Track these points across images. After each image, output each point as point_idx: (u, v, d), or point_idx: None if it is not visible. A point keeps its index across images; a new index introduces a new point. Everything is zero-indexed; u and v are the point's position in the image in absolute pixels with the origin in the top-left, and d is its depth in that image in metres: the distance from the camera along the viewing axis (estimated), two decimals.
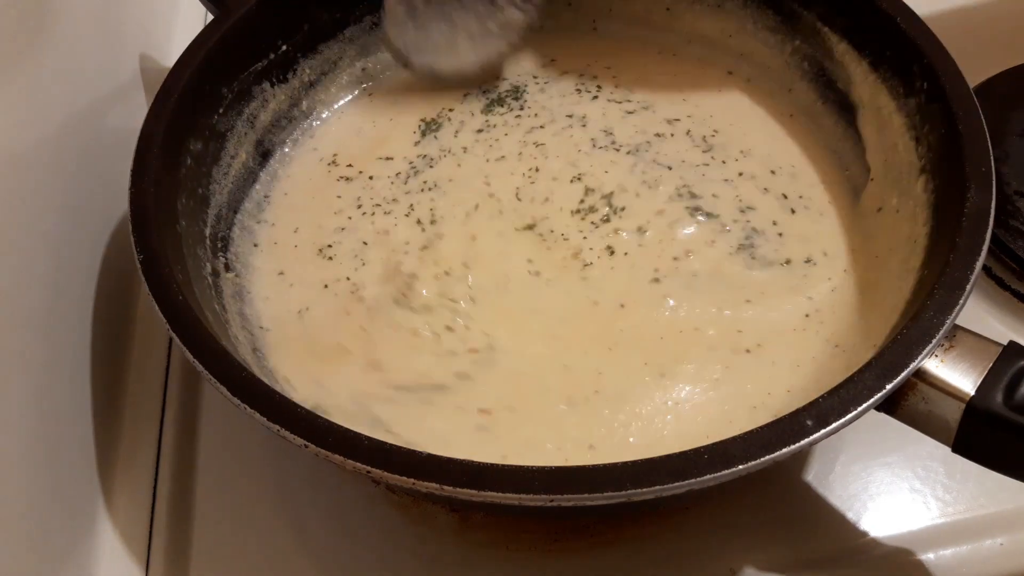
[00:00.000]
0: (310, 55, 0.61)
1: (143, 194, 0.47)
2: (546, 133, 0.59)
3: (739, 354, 0.48)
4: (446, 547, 0.48)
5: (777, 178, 0.56)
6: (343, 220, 0.56)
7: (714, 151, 0.57)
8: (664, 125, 0.59)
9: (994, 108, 0.57)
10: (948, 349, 0.41)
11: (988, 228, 0.43)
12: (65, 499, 0.47)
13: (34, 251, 0.47)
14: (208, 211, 0.53)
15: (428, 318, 0.50)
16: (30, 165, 0.47)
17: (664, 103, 0.60)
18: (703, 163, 0.57)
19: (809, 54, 0.59)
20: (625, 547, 0.48)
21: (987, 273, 0.57)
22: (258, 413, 0.39)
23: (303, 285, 0.53)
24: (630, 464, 0.37)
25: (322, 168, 0.59)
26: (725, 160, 0.57)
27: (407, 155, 0.59)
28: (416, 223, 0.55)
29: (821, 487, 0.50)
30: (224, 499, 0.51)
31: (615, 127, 0.59)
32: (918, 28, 0.52)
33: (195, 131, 0.53)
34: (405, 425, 0.46)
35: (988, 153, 0.46)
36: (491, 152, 0.58)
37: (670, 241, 0.53)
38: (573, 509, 0.37)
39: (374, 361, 0.49)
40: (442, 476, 0.37)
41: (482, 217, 0.55)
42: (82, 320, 0.51)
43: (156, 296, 0.43)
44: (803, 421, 0.38)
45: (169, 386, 0.56)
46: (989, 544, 0.48)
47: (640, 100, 0.61)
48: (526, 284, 0.52)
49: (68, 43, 0.53)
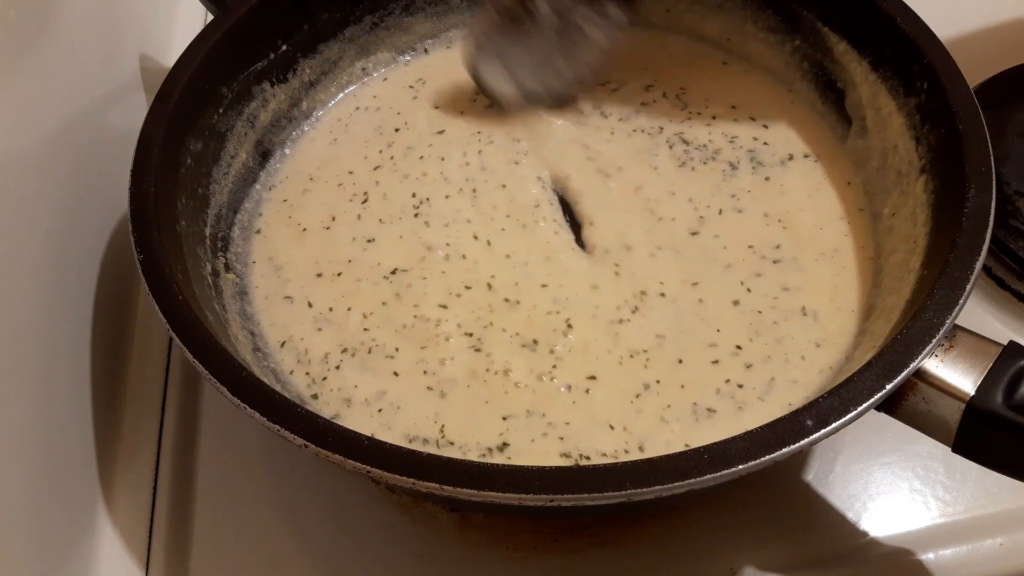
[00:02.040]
0: (310, 55, 0.61)
1: (143, 194, 0.47)
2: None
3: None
4: (446, 547, 0.48)
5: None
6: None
7: (690, 107, 0.60)
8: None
9: (994, 108, 0.57)
10: (948, 349, 0.41)
11: (988, 228, 0.43)
12: (65, 499, 0.47)
13: (34, 251, 0.47)
14: (208, 211, 0.53)
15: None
16: (31, 164, 0.47)
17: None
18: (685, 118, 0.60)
19: (809, 54, 0.59)
20: (625, 547, 0.48)
21: (987, 273, 0.57)
22: (258, 413, 0.39)
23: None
24: (630, 464, 0.37)
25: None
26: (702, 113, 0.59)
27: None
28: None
29: (821, 487, 0.50)
30: (224, 499, 0.51)
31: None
32: (918, 28, 0.52)
33: (195, 131, 0.53)
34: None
35: (988, 153, 0.46)
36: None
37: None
38: (573, 509, 0.37)
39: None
40: (442, 476, 0.37)
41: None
42: (82, 320, 0.51)
43: (156, 296, 0.43)
44: (803, 421, 0.38)
45: (169, 386, 0.56)
46: (989, 544, 0.48)
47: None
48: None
49: (68, 43, 0.53)
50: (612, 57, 0.59)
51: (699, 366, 0.48)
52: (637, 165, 0.57)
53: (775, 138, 0.58)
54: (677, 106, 0.61)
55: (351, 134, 0.61)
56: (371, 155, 0.59)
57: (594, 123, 0.60)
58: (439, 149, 0.59)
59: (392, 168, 0.59)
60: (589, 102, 0.61)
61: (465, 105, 0.62)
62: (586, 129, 0.60)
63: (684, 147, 0.58)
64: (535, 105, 0.60)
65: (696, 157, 0.57)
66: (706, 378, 0.48)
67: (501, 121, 0.60)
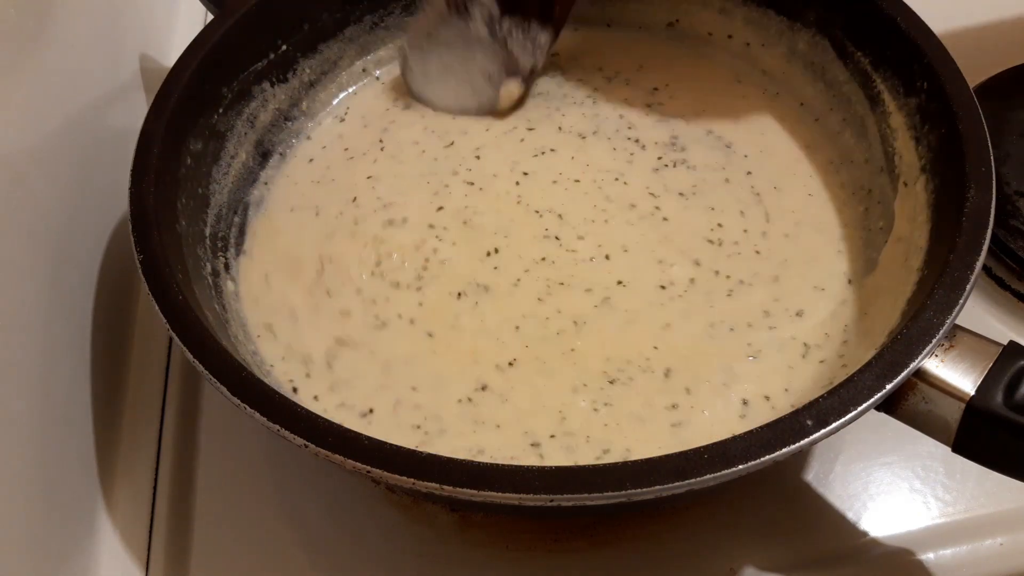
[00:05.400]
0: (310, 55, 0.61)
1: (143, 194, 0.47)
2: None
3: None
4: (446, 547, 0.48)
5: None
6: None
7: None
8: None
9: (994, 108, 0.57)
10: (948, 349, 0.41)
11: (988, 228, 0.43)
12: (65, 499, 0.47)
13: (34, 251, 0.47)
14: (208, 211, 0.53)
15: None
16: (30, 165, 0.47)
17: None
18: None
19: (809, 55, 0.59)
20: (625, 547, 0.48)
21: (987, 273, 0.57)
22: (258, 413, 0.39)
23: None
24: (630, 464, 0.37)
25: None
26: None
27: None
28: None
29: (821, 487, 0.50)
30: (224, 499, 0.51)
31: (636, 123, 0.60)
32: (918, 28, 0.52)
33: (195, 131, 0.53)
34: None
35: (988, 153, 0.46)
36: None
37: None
38: (573, 509, 0.37)
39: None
40: (442, 476, 0.37)
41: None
42: (82, 320, 0.51)
43: (156, 296, 0.43)
44: (803, 421, 0.38)
45: (169, 386, 0.56)
46: (989, 544, 0.48)
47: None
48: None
49: (68, 43, 0.53)
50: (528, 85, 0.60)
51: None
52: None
53: (768, 141, 0.58)
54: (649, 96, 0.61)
55: (351, 134, 0.61)
56: (371, 155, 0.59)
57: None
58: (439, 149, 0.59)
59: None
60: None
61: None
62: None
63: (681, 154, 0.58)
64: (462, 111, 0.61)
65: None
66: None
67: (506, 116, 0.61)
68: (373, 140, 0.60)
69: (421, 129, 0.61)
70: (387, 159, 0.59)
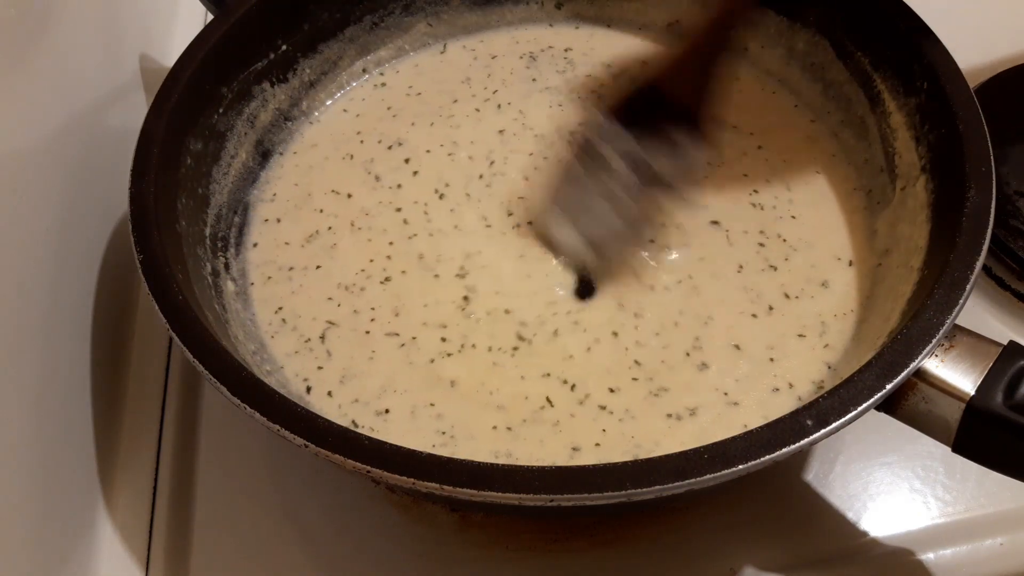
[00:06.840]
0: (310, 55, 0.61)
1: (143, 194, 0.47)
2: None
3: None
4: (446, 547, 0.48)
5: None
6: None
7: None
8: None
9: (994, 108, 0.57)
10: (948, 349, 0.41)
11: (988, 228, 0.43)
12: (65, 499, 0.47)
13: (34, 251, 0.47)
14: (208, 211, 0.53)
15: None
16: (30, 165, 0.47)
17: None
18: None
19: (809, 56, 0.59)
20: (625, 547, 0.48)
21: (987, 273, 0.57)
22: (258, 413, 0.39)
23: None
24: (630, 464, 0.37)
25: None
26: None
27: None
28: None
29: (821, 487, 0.50)
30: (224, 499, 0.51)
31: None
32: (918, 28, 0.52)
33: (195, 131, 0.53)
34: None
35: (988, 153, 0.46)
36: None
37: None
38: (573, 509, 0.37)
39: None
40: (442, 476, 0.37)
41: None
42: (82, 320, 0.51)
43: (156, 296, 0.43)
44: (803, 421, 0.38)
45: (169, 386, 0.56)
46: (989, 544, 0.48)
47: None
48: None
49: (68, 43, 0.53)
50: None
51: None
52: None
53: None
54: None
55: (351, 134, 0.61)
56: (370, 155, 0.59)
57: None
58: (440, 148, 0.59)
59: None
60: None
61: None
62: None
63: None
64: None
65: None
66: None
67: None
68: (375, 140, 0.60)
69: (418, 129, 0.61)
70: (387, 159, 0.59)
